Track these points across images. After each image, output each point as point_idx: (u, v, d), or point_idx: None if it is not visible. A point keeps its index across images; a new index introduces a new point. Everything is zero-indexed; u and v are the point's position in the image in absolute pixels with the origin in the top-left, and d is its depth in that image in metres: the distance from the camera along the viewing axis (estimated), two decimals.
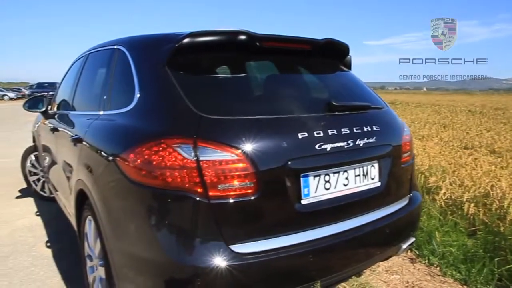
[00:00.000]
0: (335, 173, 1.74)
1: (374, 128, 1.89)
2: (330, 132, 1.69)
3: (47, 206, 4.12)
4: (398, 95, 42.62)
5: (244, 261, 1.45)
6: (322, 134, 1.66)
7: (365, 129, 1.84)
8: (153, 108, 1.71)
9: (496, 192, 3.33)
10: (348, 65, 2.34)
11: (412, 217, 2.15)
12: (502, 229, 2.79)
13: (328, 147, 1.67)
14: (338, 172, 1.75)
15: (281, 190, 1.57)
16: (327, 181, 1.71)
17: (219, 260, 1.42)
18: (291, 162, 1.57)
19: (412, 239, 2.11)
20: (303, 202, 1.62)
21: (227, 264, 1.42)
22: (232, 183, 1.45)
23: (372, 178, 1.89)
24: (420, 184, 3.82)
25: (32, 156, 4.41)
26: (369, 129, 1.86)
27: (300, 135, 1.61)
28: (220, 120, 1.54)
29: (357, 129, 1.80)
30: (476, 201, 3.30)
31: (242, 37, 1.76)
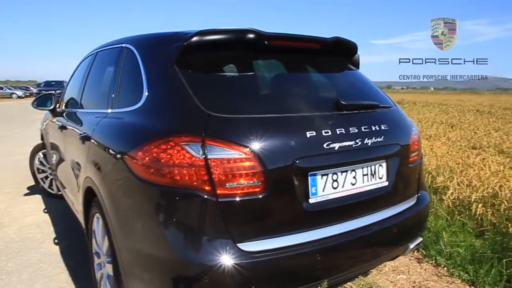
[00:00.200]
0: (343, 172, 1.74)
1: (382, 127, 1.89)
2: (338, 131, 1.69)
3: (55, 204, 4.17)
4: (405, 95, 42.37)
5: (252, 260, 1.45)
6: (330, 133, 1.66)
7: (373, 128, 1.84)
8: (162, 106, 1.71)
9: (505, 193, 3.30)
10: (356, 64, 2.33)
11: (420, 217, 2.14)
12: (511, 230, 2.76)
13: (336, 146, 1.66)
14: (346, 171, 1.75)
15: (289, 189, 1.57)
16: (335, 180, 1.71)
17: (227, 258, 1.42)
18: (299, 161, 1.57)
19: (420, 239, 2.10)
20: (311, 201, 1.62)
21: (235, 262, 1.42)
22: (240, 182, 1.45)
23: (380, 178, 1.88)
24: (427, 184, 3.79)
25: (40, 154, 4.46)
26: (377, 128, 1.86)
27: (308, 134, 1.60)
28: (228, 119, 1.55)
29: (365, 128, 1.80)
30: (484, 202, 3.28)
31: (251, 36, 1.76)
